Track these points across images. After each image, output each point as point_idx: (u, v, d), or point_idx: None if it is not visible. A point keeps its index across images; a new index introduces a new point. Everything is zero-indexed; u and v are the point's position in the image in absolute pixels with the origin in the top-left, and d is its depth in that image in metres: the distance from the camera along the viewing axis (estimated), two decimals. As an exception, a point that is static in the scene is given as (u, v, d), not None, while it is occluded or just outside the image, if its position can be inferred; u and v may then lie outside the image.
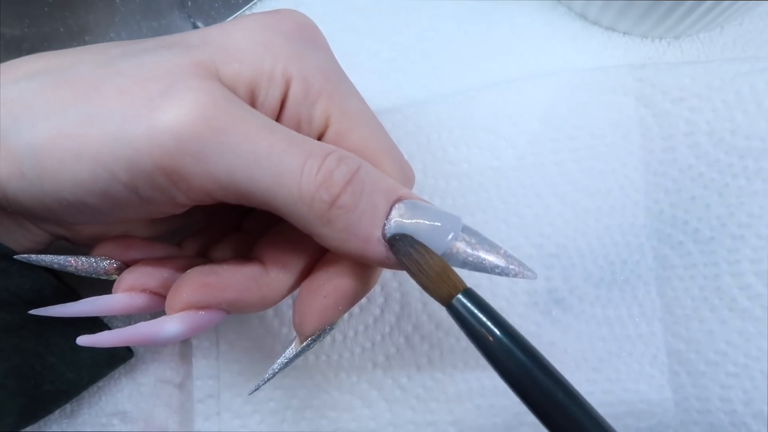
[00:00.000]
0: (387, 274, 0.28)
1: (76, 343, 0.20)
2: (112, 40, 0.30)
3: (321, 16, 0.31)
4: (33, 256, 0.22)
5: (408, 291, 0.28)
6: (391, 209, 0.20)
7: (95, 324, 0.26)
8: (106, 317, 0.28)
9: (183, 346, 0.29)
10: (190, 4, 0.31)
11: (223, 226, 0.25)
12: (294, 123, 0.21)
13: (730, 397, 0.27)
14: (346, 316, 0.28)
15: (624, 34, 0.31)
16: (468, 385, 0.28)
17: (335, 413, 0.28)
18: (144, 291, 0.22)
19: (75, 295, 0.25)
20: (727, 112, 0.27)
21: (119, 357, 0.27)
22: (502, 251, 0.20)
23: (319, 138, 0.21)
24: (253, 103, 0.20)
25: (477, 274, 0.21)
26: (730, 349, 0.27)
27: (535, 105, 0.29)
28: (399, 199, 0.20)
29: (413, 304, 0.28)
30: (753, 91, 0.27)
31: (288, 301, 0.29)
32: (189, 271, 0.21)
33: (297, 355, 0.22)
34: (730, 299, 0.27)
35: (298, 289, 0.22)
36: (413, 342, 0.28)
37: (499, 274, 0.20)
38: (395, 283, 0.28)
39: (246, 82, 0.20)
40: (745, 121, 0.27)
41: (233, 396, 0.28)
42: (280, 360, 0.22)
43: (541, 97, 0.29)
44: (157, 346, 0.29)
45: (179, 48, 0.20)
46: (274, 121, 0.19)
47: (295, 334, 0.22)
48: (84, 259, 0.22)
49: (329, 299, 0.20)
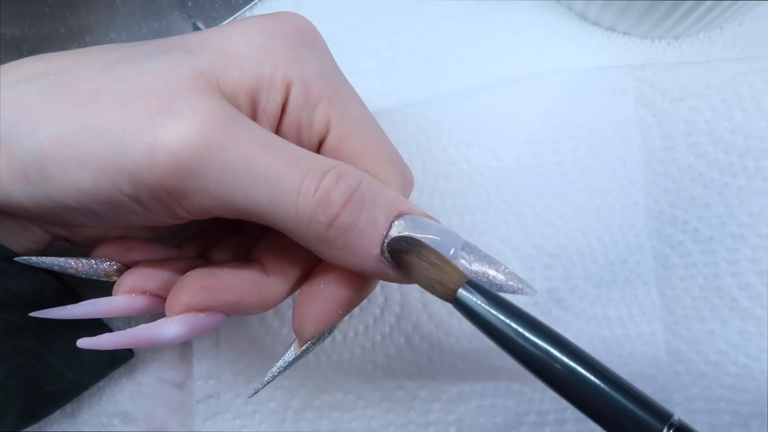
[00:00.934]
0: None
1: (77, 345, 0.20)
2: (112, 40, 0.30)
3: (321, 16, 0.31)
4: (33, 258, 0.22)
5: (408, 291, 0.28)
6: (391, 225, 0.19)
7: (96, 325, 0.26)
8: (106, 318, 0.28)
9: (183, 347, 0.29)
10: (190, 4, 0.31)
11: (223, 227, 0.25)
12: (294, 128, 0.21)
13: (731, 397, 0.27)
14: (346, 317, 0.28)
15: (624, 34, 0.31)
16: (469, 385, 0.28)
17: (336, 413, 0.28)
18: (144, 293, 0.22)
19: (75, 296, 0.25)
20: (727, 112, 0.27)
21: (120, 357, 0.27)
22: (502, 267, 0.20)
23: (321, 142, 0.21)
24: (254, 109, 0.20)
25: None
26: (730, 349, 0.27)
27: (535, 105, 0.29)
28: (400, 215, 0.20)
29: (413, 304, 0.28)
30: (752, 91, 0.27)
31: (288, 301, 0.29)
32: (189, 273, 0.21)
33: (297, 358, 0.22)
34: (730, 299, 0.27)
35: (298, 291, 0.22)
36: (413, 342, 0.28)
37: (499, 290, 0.20)
38: (395, 284, 0.28)
39: (247, 89, 0.20)
40: (744, 121, 0.27)
41: (233, 396, 0.28)
42: (279, 363, 0.22)
43: (541, 98, 0.29)
44: (157, 348, 0.29)
45: (179, 54, 0.19)
46: (274, 135, 0.19)
47: (294, 336, 0.22)
48: (84, 261, 0.22)
49: (329, 303, 0.20)
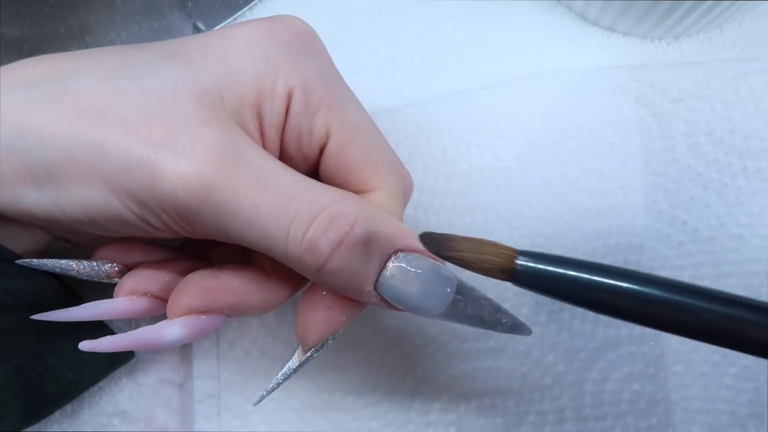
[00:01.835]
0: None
1: (78, 346, 0.20)
2: (112, 40, 0.30)
3: (321, 16, 0.31)
4: (35, 260, 0.22)
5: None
6: (386, 264, 0.19)
7: (97, 326, 0.26)
8: (107, 320, 0.28)
9: (183, 347, 0.29)
10: (190, 4, 0.31)
11: None
12: (295, 135, 0.21)
13: (729, 398, 0.27)
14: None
15: (623, 34, 0.31)
16: (469, 385, 0.28)
17: (335, 413, 0.28)
18: (145, 295, 0.22)
19: (76, 297, 0.25)
20: (726, 113, 0.28)
21: (120, 358, 0.27)
22: (495, 305, 0.20)
23: (321, 149, 0.21)
24: (260, 122, 0.20)
25: (479, 277, 0.20)
26: (731, 351, 0.27)
27: (535, 105, 0.29)
28: (397, 252, 0.19)
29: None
30: (752, 92, 0.27)
31: (289, 301, 0.29)
32: (190, 275, 0.21)
33: (300, 365, 0.22)
34: (730, 300, 0.27)
35: (299, 295, 0.22)
36: (414, 342, 0.28)
37: (493, 328, 0.20)
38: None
39: (251, 103, 0.20)
40: (744, 122, 0.27)
41: (233, 396, 0.28)
42: (283, 370, 0.22)
43: (541, 98, 0.29)
44: (159, 351, 0.29)
45: (180, 65, 0.19)
46: (272, 164, 0.19)
47: (297, 343, 0.22)
48: (85, 262, 0.22)
49: (332, 310, 0.20)
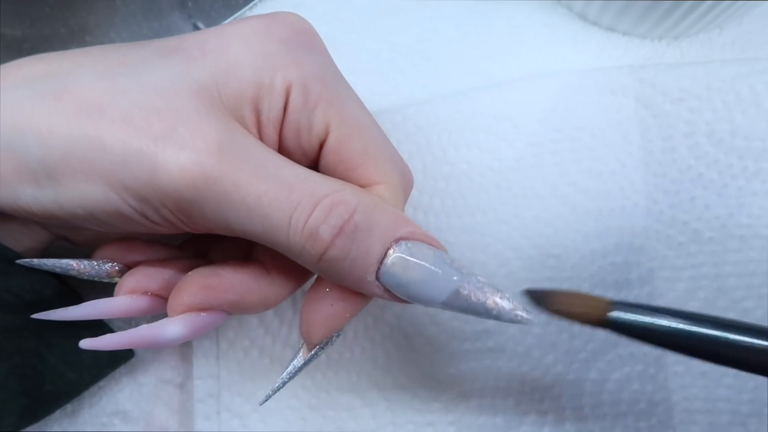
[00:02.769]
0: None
1: (78, 345, 0.20)
2: (112, 40, 0.30)
3: (321, 16, 0.31)
4: (35, 260, 0.22)
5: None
6: (386, 252, 0.19)
7: (97, 325, 0.26)
8: (107, 318, 0.28)
9: (183, 346, 0.29)
10: (190, 4, 0.31)
11: None
12: (294, 131, 0.21)
13: (730, 397, 0.27)
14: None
15: (624, 34, 0.31)
16: (469, 385, 0.28)
17: (335, 413, 0.28)
18: (146, 293, 0.22)
19: (76, 296, 0.25)
20: (727, 113, 0.28)
21: (120, 357, 0.27)
22: (503, 294, 0.20)
23: (321, 145, 0.21)
24: (258, 117, 0.20)
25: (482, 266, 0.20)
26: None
27: (535, 106, 0.29)
28: (398, 240, 0.19)
29: (414, 305, 0.28)
30: (752, 93, 0.27)
31: (288, 301, 0.29)
32: (190, 273, 0.21)
33: (306, 363, 0.21)
34: (730, 300, 0.27)
35: (301, 292, 0.22)
36: (414, 342, 0.28)
37: (496, 317, 0.20)
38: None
39: (249, 99, 0.20)
40: (744, 122, 0.27)
41: (233, 396, 0.28)
42: (288, 369, 0.22)
43: (541, 98, 0.29)
44: (159, 349, 0.29)
45: (178, 61, 0.19)
46: (273, 157, 0.19)
47: (302, 342, 0.22)
48: (86, 262, 0.22)
49: (336, 307, 0.20)
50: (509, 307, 0.19)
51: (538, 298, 0.20)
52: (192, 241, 0.25)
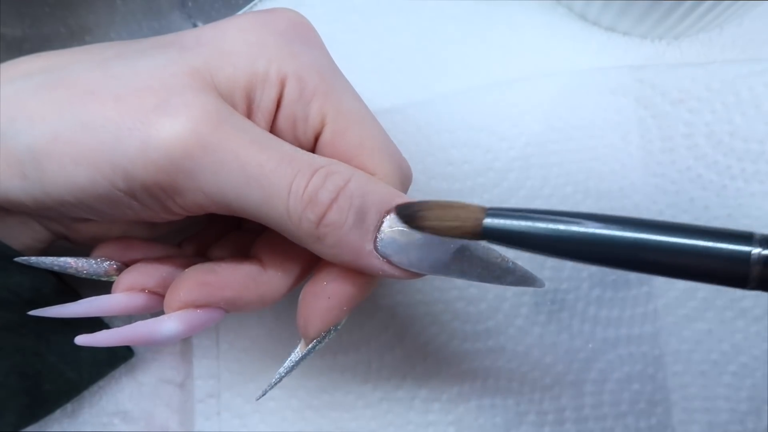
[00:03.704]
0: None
1: (75, 342, 0.20)
2: (112, 40, 0.30)
3: (321, 16, 0.31)
4: (33, 258, 0.22)
5: (409, 291, 0.28)
6: (382, 221, 0.19)
7: (96, 324, 0.26)
8: (106, 317, 0.28)
9: (183, 346, 0.29)
10: (190, 4, 0.31)
11: (223, 226, 0.25)
12: (290, 123, 0.21)
13: (728, 395, 0.27)
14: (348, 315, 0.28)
15: (624, 34, 0.31)
16: (469, 385, 0.28)
17: (335, 413, 0.28)
18: (143, 291, 0.22)
19: (75, 294, 0.25)
20: (726, 114, 0.28)
21: (120, 356, 0.27)
22: (501, 254, 0.20)
23: (316, 137, 0.21)
24: (250, 106, 0.20)
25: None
26: (730, 349, 0.27)
27: (535, 106, 0.29)
28: (392, 209, 0.19)
29: (414, 306, 0.28)
30: (752, 94, 0.27)
31: (289, 302, 0.29)
32: (187, 269, 0.21)
33: (303, 357, 0.21)
34: (728, 299, 0.27)
35: (299, 289, 0.22)
36: (414, 342, 0.28)
37: (503, 273, 0.20)
38: (396, 284, 0.28)
39: (242, 86, 0.20)
40: (743, 124, 0.27)
41: (233, 396, 0.28)
42: (286, 364, 0.21)
43: (541, 98, 0.29)
44: (156, 346, 0.29)
45: (174, 50, 0.20)
46: (267, 133, 0.19)
47: (300, 336, 0.22)
48: (84, 260, 0.22)
49: (333, 300, 0.20)
50: (513, 267, 0.19)
51: (408, 217, 0.19)
52: (191, 240, 0.25)
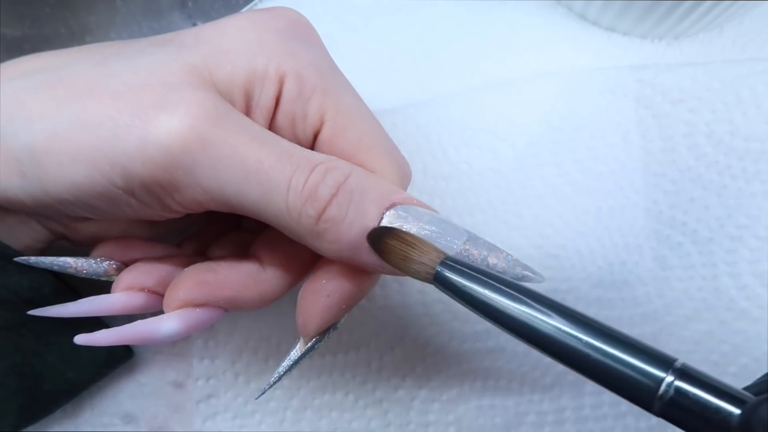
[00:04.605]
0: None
1: (75, 341, 0.20)
2: (113, 40, 0.30)
3: (321, 16, 0.31)
4: (32, 258, 0.22)
5: (408, 291, 0.28)
6: (382, 216, 0.19)
7: (95, 323, 0.26)
8: (105, 317, 0.28)
9: (183, 346, 0.29)
10: (190, 4, 0.31)
11: (223, 225, 0.25)
12: (289, 120, 0.21)
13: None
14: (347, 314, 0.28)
15: (624, 34, 0.31)
16: (468, 385, 0.28)
17: (335, 413, 0.28)
18: (142, 290, 0.22)
19: (74, 294, 0.25)
20: (727, 114, 0.28)
21: (119, 357, 0.27)
22: (504, 254, 0.20)
23: (316, 135, 0.21)
24: (248, 103, 0.20)
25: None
26: (729, 349, 0.27)
27: (535, 106, 0.29)
28: (392, 205, 0.19)
29: (414, 305, 0.28)
30: (752, 93, 0.27)
31: (287, 300, 0.29)
32: (186, 269, 0.21)
33: (302, 356, 0.21)
34: (728, 300, 0.27)
35: (298, 287, 0.22)
36: (414, 342, 0.28)
37: (501, 274, 0.19)
38: (396, 284, 0.28)
39: (240, 84, 0.20)
40: (744, 123, 0.27)
41: (233, 396, 0.28)
42: (285, 362, 0.21)
43: (541, 98, 0.29)
44: (155, 345, 0.29)
45: (172, 48, 0.20)
46: (266, 130, 0.19)
47: (299, 335, 0.22)
48: (84, 260, 0.22)
49: (332, 298, 0.20)
50: (512, 263, 0.19)
51: (376, 242, 0.19)
52: (191, 240, 0.25)
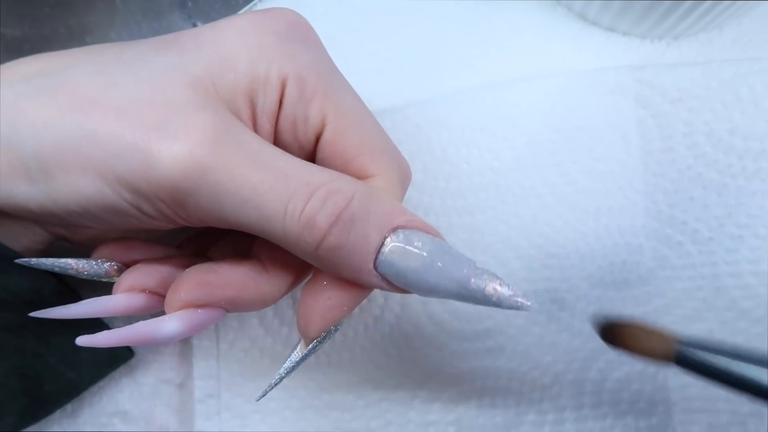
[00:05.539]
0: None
1: (76, 343, 0.20)
2: (112, 40, 0.30)
3: (321, 16, 0.31)
4: (33, 260, 0.22)
5: (408, 291, 0.28)
6: (384, 241, 0.19)
7: (96, 324, 0.26)
8: (106, 318, 0.28)
9: (183, 346, 0.29)
10: (190, 4, 0.31)
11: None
12: (290, 123, 0.21)
13: (729, 396, 0.27)
14: (348, 315, 0.28)
15: (623, 34, 0.31)
16: (469, 385, 0.28)
17: (336, 413, 0.28)
18: (143, 291, 0.21)
19: (74, 295, 0.25)
20: (726, 113, 0.28)
21: (120, 357, 0.27)
22: (504, 285, 0.19)
23: (317, 137, 0.21)
24: (253, 110, 0.20)
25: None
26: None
27: (535, 106, 0.29)
28: (395, 229, 0.19)
29: (413, 305, 0.28)
30: (751, 93, 0.27)
31: (288, 300, 0.29)
32: (188, 269, 0.21)
33: (303, 358, 0.21)
34: (729, 300, 0.27)
35: (299, 289, 0.22)
36: (414, 342, 0.28)
37: (496, 304, 0.19)
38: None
39: (243, 91, 0.20)
40: (743, 122, 0.27)
41: (233, 396, 0.28)
42: (286, 364, 0.21)
43: (541, 98, 0.29)
44: (157, 346, 0.29)
45: (173, 54, 0.19)
46: (267, 147, 0.19)
47: (300, 337, 0.21)
48: (84, 261, 0.22)
49: (333, 300, 0.20)
50: (509, 294, 0.19)
51: (603, 331, 0.21)
52: (191, 240, 0.25)
